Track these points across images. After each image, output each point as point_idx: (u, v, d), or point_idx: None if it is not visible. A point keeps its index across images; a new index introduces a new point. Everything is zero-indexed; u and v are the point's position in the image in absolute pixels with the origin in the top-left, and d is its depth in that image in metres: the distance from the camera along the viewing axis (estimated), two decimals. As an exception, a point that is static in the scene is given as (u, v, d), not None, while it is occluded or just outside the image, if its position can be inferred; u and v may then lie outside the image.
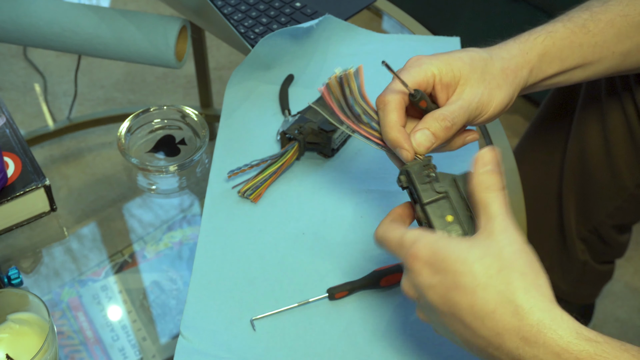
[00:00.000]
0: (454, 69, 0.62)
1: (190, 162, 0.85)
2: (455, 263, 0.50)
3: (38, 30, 0.92)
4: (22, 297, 0.65)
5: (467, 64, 0.62)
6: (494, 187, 0.53)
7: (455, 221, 0.55)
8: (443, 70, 0.62)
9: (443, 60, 0.62)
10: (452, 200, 0.56)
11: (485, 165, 0.54)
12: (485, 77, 0.63)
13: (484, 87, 0.62)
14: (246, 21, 1.00)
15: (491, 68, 0.63)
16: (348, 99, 0.59)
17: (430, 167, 0.58)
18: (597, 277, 1.23)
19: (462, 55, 0.63)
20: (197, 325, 0.67)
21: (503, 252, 0.49)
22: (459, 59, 0.62)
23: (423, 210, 0.56)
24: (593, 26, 0.68)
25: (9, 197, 0.76)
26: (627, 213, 1.07)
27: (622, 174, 1.01)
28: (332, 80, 0.59)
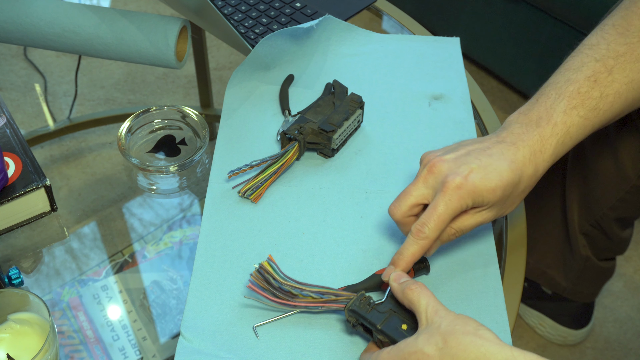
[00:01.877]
0: (484, 200, 0.65)
1: (190, 162, 0.85)
2: (410, 356, 0.56)
3: (38, 30, 0.92)
4: (22, 297, 0.65)
5: (499, 196, 0.65)
6: (414, 286, 0.61)
7: (409, 327, 0.61)
8: (476, 202, 0.65)
9: (480, 194, 0.65)
10: (397, 313, 0.62)
11: (401, 278, 0.63)
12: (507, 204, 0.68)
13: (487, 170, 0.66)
14: (246, 21, 1.00)
15: (516, 192, 0.67)
16: (274, 284, 0.64)
17: (365, 296, 0.64)
18: (598, 273, 1.24)
19: (498, 187, 0.65)
20: (197, 325, 0.67)
21: (441, 327, 0.56)
22: (494, 194, 0.65)
23: (381, 332, 0.61)
24: (603, 104, 0.70)
25: (9, 197, 0.76)
26: (630, 205, 1.08)
27: (626, 165, 1.01)
28: (254, 275, 0.65)
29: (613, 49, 0.72)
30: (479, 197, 0.65)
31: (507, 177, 0.65)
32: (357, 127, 0.85)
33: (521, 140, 0.67)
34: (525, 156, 0.67)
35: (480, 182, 0.64)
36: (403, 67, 0.95)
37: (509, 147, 0.67)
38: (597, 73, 0.71)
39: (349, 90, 0.86)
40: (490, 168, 0.65)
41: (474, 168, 0.64)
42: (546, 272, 1.25)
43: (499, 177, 0.65)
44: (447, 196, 0.64)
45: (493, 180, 0.64)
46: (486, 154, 0.66)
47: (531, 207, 0.81)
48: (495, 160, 0.65)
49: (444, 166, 0.66)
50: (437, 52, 0.97)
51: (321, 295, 0.64)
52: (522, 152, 0.67)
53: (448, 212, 0.64)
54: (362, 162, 0.82)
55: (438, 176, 0.66)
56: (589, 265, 1.20)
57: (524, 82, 1.74)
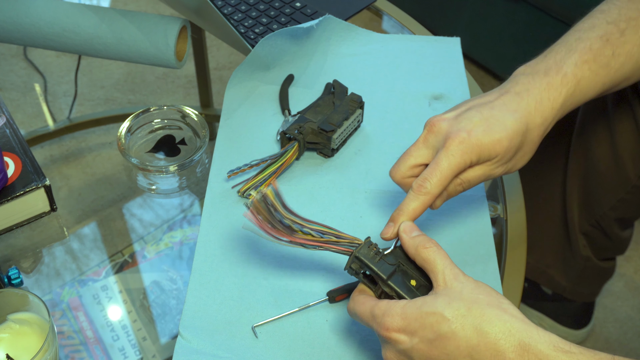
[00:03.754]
0: (491, 154, 0.63)
1: (190, 162, 0.85)
2: (427, 317, 0.53)
3: (38, 30, 0.92)
4: (22, 297, 0.65)
5: (505, 147, 0.63)
6: (429, 244, 0.57)
7: (418, 284, 0.59)
8: (482, 156, 0.63)
9: (485, 148, 0.63)
10: (406, 267, 0.59)
11: (412, 231, 0.59)
12: (510, 154, 0.65)
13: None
14: (246, 21, 1.00)
15: (525, 142, 0.66)
16: (275, 216, 0.60)
17: (373, 245, 0.60)
18: (598, 273, 1.24)
19: (503, 137, 0.63)
20: (196, 325, 0.67)
21: (463, 294, 0.54)
22: (500, 145, 0.63)
23: (388, 286, 0.58)
24: (614, 62, 0.70)
25: (9, 197, 0.76)
26: (630, 206, 1.08)
27: (626, 165, 1.01)
28: (256, 202, 0.60)
29: (625, 13, 0.71)
30: (485, 152, 0.63)
31: (512, 127, 0.63)
32: (357, 127, 0.85)
33: (526, 90, 0.65)
34: (530, 105, 0.65)
35: (483, 136, 0.62)
36: (403, 67, 0.95)
37: (513, 98, 0.65)
38: (609, 33, 0.70)
39: (349, 90, 0.86)
40: (492, 120, 0.63)
41: (476, 122, 0.63)
42: (546, 271, 1.25)
43: (503, 127, 0.63)
44: (450, 151, 0.62)
45: (497, 131, 0.62)
46: (488, 107, 0.64)
47: (531, 207, 0.81)
48: (498, 111, 0.63)
49: (443, 124, 0.64)
50: (437, 52, 0.97)
51: (321, 234, 0.61)
52: (526, 101, 0.65)
53: (451, 167, 0.62)
54: (361, 162, 0.82)
55: (438, 135, 0.64)
56: (589, 265, 1.20)
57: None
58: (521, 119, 0.64)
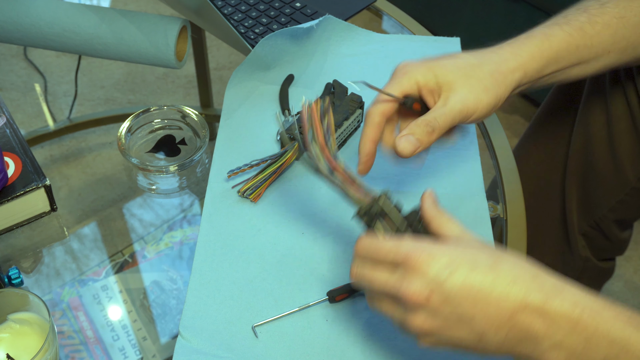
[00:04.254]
0: (438, 75, 0.65)
1: (190, 162, 0.85)
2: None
3: (38, 30, 0.92)
4: (22, 297, 0.65)
5: (450, 70, 0.65)
6: (445, 216, 0.56)
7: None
8: (427, 76, 0.65)
9: (428, 67, 0.66)
10: (419, 227, 0.58)
11: (433, 200, 0.57)
12: (471, 81, 0.65)
13: (468, 92, 0.65)
14: (246, 21, 1.00)
15: (479, 72, 0.66)
16: (323, 125, 0.61)
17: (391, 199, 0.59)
18: (597, 274, 1.23)
19: (447, 62, 0.66)
20: (196, 325, 0.67)
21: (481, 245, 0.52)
22: (443, 66, 0.66)
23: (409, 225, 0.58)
24: (590, 28, 0.70)
25: (9, 197, 0.76)
26: (629, 207, 1.07)
27: (625, 167, 1.01)
28: (314, 105, 0.60)
29: None
30: (431, 73, 0.65)
31: (459, 59, 0.66)
32: (357, 127, 0.85)
33: (490, 50, 0.68)
34: (488, 51, 0.67)
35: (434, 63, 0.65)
36: (403, 67, 0.94)
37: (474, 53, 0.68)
38: (587, 5, 0.71)
39: (349, 90, 0.86)
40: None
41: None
42: None
43: (450, 59, 0.66)
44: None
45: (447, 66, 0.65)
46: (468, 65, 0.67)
47: (530, 208, 0.81)
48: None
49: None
50: (437, 52, 0.96)
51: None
52: (488, 54, 0.67)
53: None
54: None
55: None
56: (588, 265, 1.19)
57: (524, 82, 1.74)
58: (471, 57, 0.67)
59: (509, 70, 0.67)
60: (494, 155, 0.87)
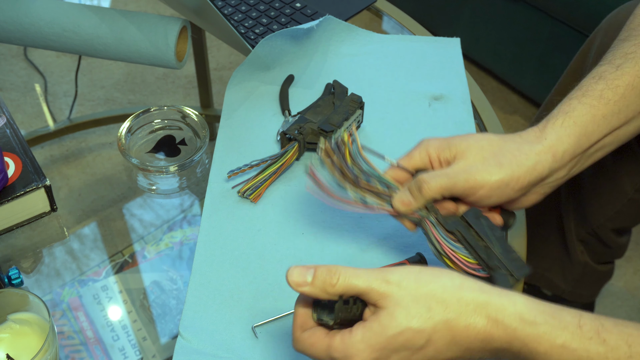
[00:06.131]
0: (452, 145, 0.64)
1: (190, 162, 0.85)
2: (397, 338, 0.50)
3: (38, 30, 0.92)
4: (22, 297, 0.65)
5: (466, 141, 0.64)
6: (334, 275, 0.53)
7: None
8: (441, 147, 0.64)
9: (445, 140, 0.65)
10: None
11: (305, 276, 0.54)
12: (484, 153, 0.63)
13: (479, 162, 0.63)
14: (246, 22, 1.00)
15: (496, 147, 0.63)
16: (343, 163, 0.63)
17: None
18: (596, 277, 1.23)
19: (467, 136, 0.65)
20: (196, 325, 0.67)
21: (411, 292, 0.51)
22: (461, 139, 0.64)
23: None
24: (612, 94, 0.66)
25: (9, 197, 0.76)
26: (627, 217, 1.07)
27: (621, 178, 1.01)
28: (324, 152, 0.62)
29: (620, 51, 0.68)
30: (446, 144, 0.64)
31: (481, 135, 0.65)
32: (357, 127, 0.85)
33: (516, 133, 0.66)
34: (513, 134, 0.65)
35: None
36: (403, 68, 0.95)
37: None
38: (602, 72, 0.67)
39: (349, 91, 0.86)
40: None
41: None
42: (545, 275, 1.25)
43: (472, 135, 0.66)
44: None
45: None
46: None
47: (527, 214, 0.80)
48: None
49: None
50: (437, 53, 0.97)
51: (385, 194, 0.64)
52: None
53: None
54: (361, 162, 0.82)
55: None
56: (587, 270, 1.19)
57: (524, 82, 1.74)
58: (496, 136, 0.65)
59: (533, 151, 0.63)
60: (494, 155, 0.87)
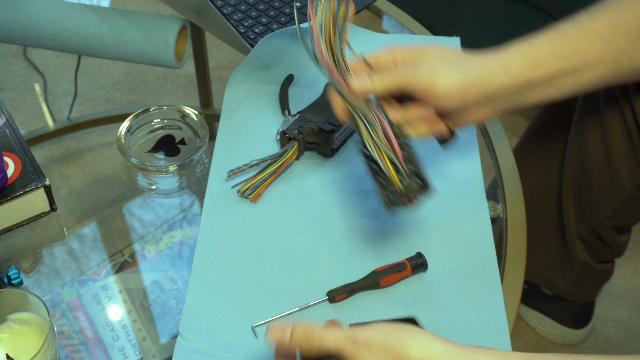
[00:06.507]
0: (416, 48, 0.67)
1: (190, 162, 0.85)
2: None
3: (38, 30, 0.92)
4: (22, 297, 0.65)
5: (430, 46, 0.67)
6: (311, 340, 0.53)
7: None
8: (405, 49, 0.67)
9: (409, 45, 0.68)
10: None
11: (283, 339, 0.54)
12: (445, 57, 0.67)
13: (439, 63, 0.66)
14: (246, 21, 1.00)
15: (457, 54, 0.68)
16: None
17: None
18: (597, 276, 1.23)
19: (431, 44, 0.69)
20: (196, 325, 0.67)
21: (386, 354, 0.51)
22: (425, 45, 0.68)
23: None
24: (576, 34, 0.68)
25: (9, 197, 0.76)
26: (627, 215, 1.07)
27: (621, 176, 1.00)
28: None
29: (599, 5, 0.70)
30: (409, 47, 0.67)
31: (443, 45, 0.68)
32: (356, 127, 0.85)
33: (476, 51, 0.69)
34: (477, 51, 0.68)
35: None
36: (403, 67, 0.94)
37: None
38: (576, 16, 0.70)
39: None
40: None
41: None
42: (544, 274, 1.25)
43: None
44: None
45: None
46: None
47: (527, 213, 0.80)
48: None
49: None
50: (437, 52, 0.97)
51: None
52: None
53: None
54: (361, 162, 0.82)
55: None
56: (587, 268, 1.19)
57: (524, 82, 1.74)
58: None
59: (489, 62, 0.67)
60: (494, 155, 0.87)
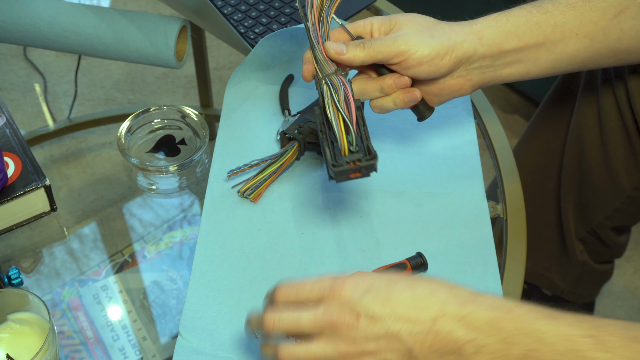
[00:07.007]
0: (392, 19, 0.68)
1: (190, 162, 0.85)
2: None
3: (38, 30, 0.92)
4: (22, 297, 0.65)
5: (405, 16, 0.68)
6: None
7: None
8: (381, 20, 0.68)
9: (386, 16, 0.69)
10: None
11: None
12: (420, 26, 0.68)
13: (414, 32, 0.67)
14: (246, 21, 1.00)
15: (431, 23, 0.69)
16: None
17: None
18: (596, 276, 1.23)
19: (406, 13, 0.70)
20: (196, 324, 0.67)
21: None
22: (400, 14, 0.69)
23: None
24: (551, 7, 0.68)
25: (9, 197, 0.76)
26: (626, 215, 1.07)
27: (620, 176, 1.00)
28: None
29: None
30: (386, 18, 0.68)
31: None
32: (356, 127, 0.85)
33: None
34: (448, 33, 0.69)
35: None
36: (403, 67, 0.94)
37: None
38: None
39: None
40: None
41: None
42: (544, 274, 1.25)
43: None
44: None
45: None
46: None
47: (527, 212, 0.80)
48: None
49: None
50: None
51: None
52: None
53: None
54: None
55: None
56: (586, 269, 1.19)
57: (524, 82, 1.74)
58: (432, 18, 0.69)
59: (462, 30, 0.68)
60: (494, 155, 0.87)
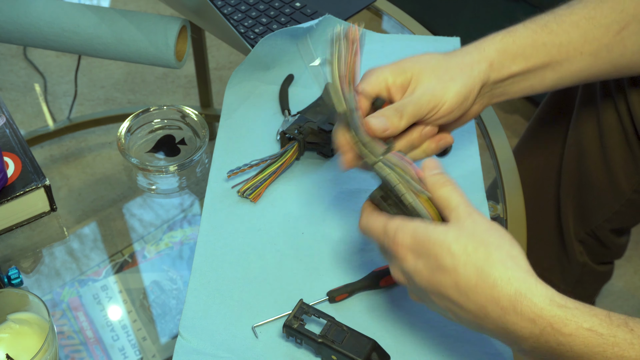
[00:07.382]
0: (406, 70, 0.66)
1: (190, 162, 0.85)
2: (434, 246, 0.53)
3: (38, 30, 0.92)
4: (22, 297, 0.65)
5: (417, 64, 0.67)
6: (447, 183, 0.57)
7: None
8: (396, 73, 0.66)
9: (396, 65, 0.67)
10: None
11: (433, 169, 0.58)
12: (437, 72, 0.67)
13: (436, 81, 0.66)
14: (246, 21, 1.00)
15: (444, 64, 0.67)
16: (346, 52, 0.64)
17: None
18: (596, 277, 1.23)
19: (415, 58, 0.68)
20: (196, 325, 0.67)
21: (475, 232, 0.53)
22: (410, 61, 0.67)
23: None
24: (556, 26, 0.70)
25: (9, 197, 0.76)
26: (625, 217, 1.07)
27: (619, 179, 1.00)
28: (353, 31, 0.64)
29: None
30: (399, 69, 0.66)
31: (426, 55, 0.68)
32: (356, 127, 0.85)
33: (457, 49, 0.70)
34: (454, 50, 0.69)
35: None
36: (403, 67, 0.94)
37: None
38: (555, 9, 0.71)
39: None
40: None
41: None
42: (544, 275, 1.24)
43: (417, 56, 0.68)
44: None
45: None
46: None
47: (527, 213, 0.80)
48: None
49: None
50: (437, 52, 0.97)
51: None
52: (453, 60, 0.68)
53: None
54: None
55: None
56: (586, 270, 1.19)
57: (524, 82, 1.74)
58: (437, 54, 0.68)
59: (473, 61, 0.68)
60: (494, 155, 0.87)
